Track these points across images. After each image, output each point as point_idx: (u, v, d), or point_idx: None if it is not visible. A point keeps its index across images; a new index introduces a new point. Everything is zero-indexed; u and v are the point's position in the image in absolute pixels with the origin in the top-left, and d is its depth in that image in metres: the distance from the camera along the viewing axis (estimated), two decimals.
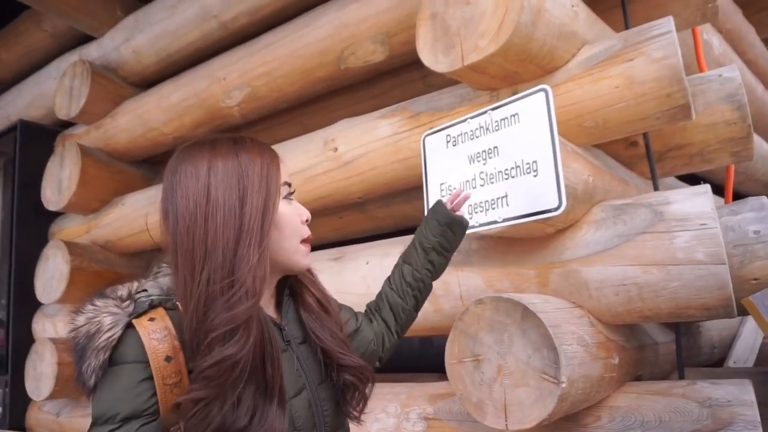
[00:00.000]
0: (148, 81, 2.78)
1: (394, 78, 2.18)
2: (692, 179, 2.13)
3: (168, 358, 0.74)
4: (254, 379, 0.77)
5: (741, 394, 1.20)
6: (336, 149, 1.87)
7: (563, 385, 1.13)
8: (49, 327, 2.88)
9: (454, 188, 1.43)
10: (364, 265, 1.73)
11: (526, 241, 1.41)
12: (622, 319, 1.32)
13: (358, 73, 2.07)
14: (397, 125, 1.73)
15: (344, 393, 0.93)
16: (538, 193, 1.24)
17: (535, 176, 1.25)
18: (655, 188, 1.55)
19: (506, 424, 1.21)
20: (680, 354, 1.46)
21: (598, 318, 1.33)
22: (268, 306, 0.91)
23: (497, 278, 1.45)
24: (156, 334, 0.75)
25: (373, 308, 1.13)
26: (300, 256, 0.89)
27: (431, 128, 1.55)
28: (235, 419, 0.73)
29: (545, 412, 1.15)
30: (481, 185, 1.36)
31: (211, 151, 0.83)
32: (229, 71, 2.29)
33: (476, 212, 1.37)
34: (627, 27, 1.57)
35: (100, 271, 2.79)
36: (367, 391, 0.95)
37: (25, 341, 2.89)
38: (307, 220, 0.91)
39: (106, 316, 0.77)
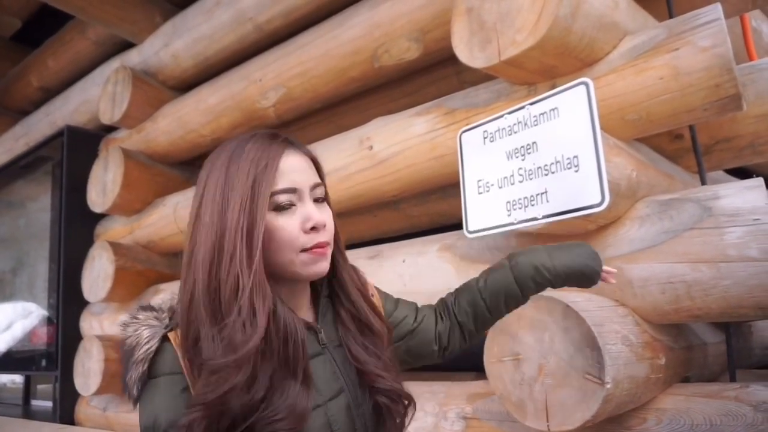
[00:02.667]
0: (187, 84, 2.84)
1: (428, 75, 2.17)
2: (740, 173, 2.04)
3: None
4: (274, 362, 0.75)
5: None
6: (371, 147, 1.87)
7: (608, 386, 1.10)
8: (96, 325, 2.98)
9: (492, 185, 1.41)
10: (401, 263, 1.73)
11: (566, 238, 1.38)
12: (669, 319, 1.27)
13: (392, 71, 2.06)
14: (433, 122, 1.72)
15: (377, 415, 0.86)
16: (579, 189, 1.21)
17: (576, 171, 1.22)
18: (703, 182, 1.49)
19: (548, 425, 1.19)
20: (731, 355, 1.40)
21: (643, 317, 1.29)
22: (301, 307, 0.88)
23: None
24: None
25: (450, 305, 1.02)
26: (298, 268, 0.80)
27: (467, 125, 1.53)
28: (252, 396, 0.71)
29: (589, 413, 1.12)
30: (520, 181, 1.34)
31: (221, 150, 0.82)
32: (265, 72, 2.32)
33: (515, 209, 1.34)
34: (671, 16, 1.51)
35: (143, 271, 2.87)
36: (404, 419, 0.87)
37: (73, 339, 3.00)
38: (313, 228, 0.80)
39: (145, 329, 0.77)
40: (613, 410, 1.18)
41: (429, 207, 2.20)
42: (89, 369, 2.76)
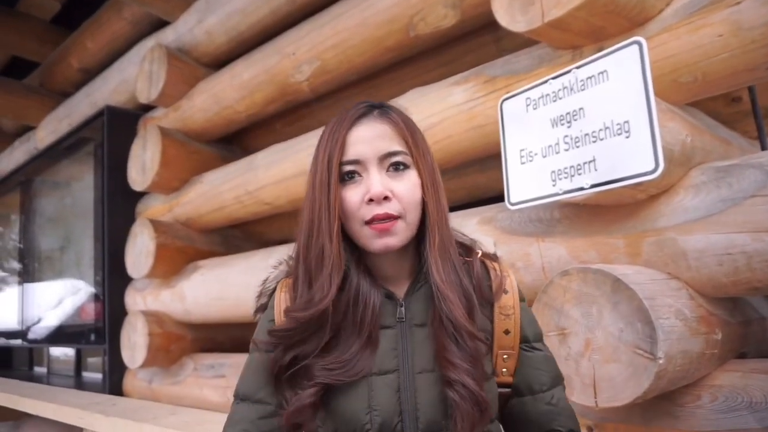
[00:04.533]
0: (221, 61, 2.84)
1: (466, 43, 2.10)
2: None
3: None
4: (342, 320, 0.82)
5: None
6: None
7: (660, 361, 1.06)
8: (140, 300, 3.07)
9: (535, 154, 1.35)
10: None
11: (613, 208, 1.32)
12: (726, 292, 1.21)
13: (428, 39, 2.00)
14: (472, 91, 1.66)
15: (446, 408, 0.79)
16: (630, 156, 1.15)
17: (627, 137, 1.15)
18: (763, 148, 1.40)
19: (596, 401, 1.15)
20: None
21: (697, 290, 1.22)
22: (397, 277, 0.87)
23: (582, 248, 1.36)
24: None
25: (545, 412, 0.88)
26: (365, 241, 0.83)
27: (508, 92, 1.47)
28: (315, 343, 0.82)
29: (640, 389, 1.08)
30: (566, 150, 1.28)
31: None
32: (299, 45, 2.29)
33: (560, 178, 1.29)
34: None
35: (182, 247, 2.92)
36: (474, 424, 0.76)
37: (119, 313, 3.10)
38: (371, 200, 0.80)
39: (277, 272, 0.94)
40: (666, 386, 1.13)
41: (466, 180, 2.15)
42: (135, 343, 2.85)
